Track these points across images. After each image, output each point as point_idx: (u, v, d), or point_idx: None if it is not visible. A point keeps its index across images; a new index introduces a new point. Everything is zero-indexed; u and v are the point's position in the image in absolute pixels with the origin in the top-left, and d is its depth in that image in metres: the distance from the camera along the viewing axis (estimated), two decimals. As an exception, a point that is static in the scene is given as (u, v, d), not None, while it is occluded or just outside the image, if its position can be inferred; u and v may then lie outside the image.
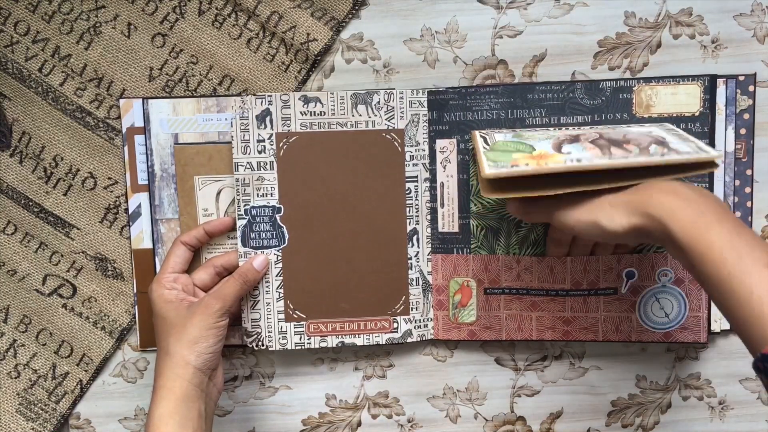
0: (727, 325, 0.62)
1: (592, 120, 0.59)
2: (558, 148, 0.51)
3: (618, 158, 0.48)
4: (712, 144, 0.59)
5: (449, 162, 0.62)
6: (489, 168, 0.49)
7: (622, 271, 0.60)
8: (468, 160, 0.61)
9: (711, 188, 0.59)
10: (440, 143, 0.62)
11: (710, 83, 0.58)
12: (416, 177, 0.62)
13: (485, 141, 0.55)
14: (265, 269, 0.60)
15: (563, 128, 0.58)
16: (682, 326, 0.60)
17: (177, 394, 0.53)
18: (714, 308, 0.61)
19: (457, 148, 0.61)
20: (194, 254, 0.61)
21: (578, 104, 0.60)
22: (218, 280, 0.60)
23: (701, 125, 0.58)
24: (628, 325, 0.61)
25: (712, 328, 0.61)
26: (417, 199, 0.62)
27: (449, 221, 0.62)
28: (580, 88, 0.59)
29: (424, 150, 0.62)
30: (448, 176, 0.62)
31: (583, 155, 0.49)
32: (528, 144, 0.52)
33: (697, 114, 0.59)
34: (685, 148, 0.49)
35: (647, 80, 0.59)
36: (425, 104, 0.61)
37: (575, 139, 0.53)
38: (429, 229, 0.62)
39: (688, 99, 0.59)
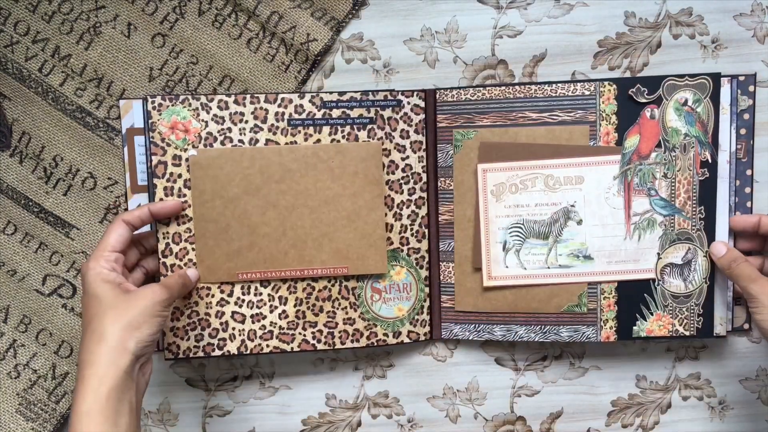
0: (731, 327, 0.62)
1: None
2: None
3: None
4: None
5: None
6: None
7: None
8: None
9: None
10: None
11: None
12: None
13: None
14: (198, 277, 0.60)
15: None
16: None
17: (108, 385, 0.48)
18: (719, 310, 0.61)
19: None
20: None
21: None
22: (134, 249, 0.59)
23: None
24: None
25: (717, 331, 0.61)
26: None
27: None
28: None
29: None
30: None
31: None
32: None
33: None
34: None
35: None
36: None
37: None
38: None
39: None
